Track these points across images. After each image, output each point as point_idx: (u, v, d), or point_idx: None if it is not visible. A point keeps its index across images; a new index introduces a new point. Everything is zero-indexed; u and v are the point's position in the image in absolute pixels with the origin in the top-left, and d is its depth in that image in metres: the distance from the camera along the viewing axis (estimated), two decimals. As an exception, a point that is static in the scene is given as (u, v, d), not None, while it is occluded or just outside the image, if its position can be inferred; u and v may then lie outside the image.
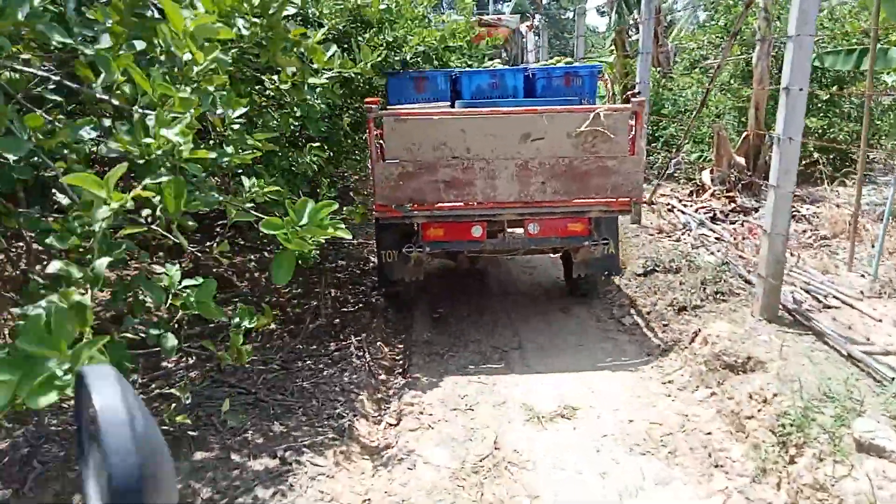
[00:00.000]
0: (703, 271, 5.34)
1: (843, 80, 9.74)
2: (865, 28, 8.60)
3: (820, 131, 9.31)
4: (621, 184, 4.54)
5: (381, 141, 4.51)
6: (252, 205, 2.46)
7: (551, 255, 6.47)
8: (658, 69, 11.86)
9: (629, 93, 11.16)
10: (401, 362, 4.61)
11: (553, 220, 4.75)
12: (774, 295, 4.43)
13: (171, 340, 1.77)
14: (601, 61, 14.29)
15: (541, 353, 4.63)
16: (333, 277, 5.82)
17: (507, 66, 8.46)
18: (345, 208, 4.91)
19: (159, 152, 1.89)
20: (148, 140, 1.87)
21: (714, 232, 6.88)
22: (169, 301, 1.89)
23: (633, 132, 4.52)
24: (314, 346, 4.45)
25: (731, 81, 10.34)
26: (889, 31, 7.66)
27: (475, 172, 4.49)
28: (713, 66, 11.38)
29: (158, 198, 1.88)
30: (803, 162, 8.10)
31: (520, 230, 4.86)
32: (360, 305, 5.26)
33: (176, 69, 2.19)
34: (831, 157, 8.98)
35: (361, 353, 4.35)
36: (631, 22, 13.45)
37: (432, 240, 4.81)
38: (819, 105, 9.50)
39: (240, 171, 2.81)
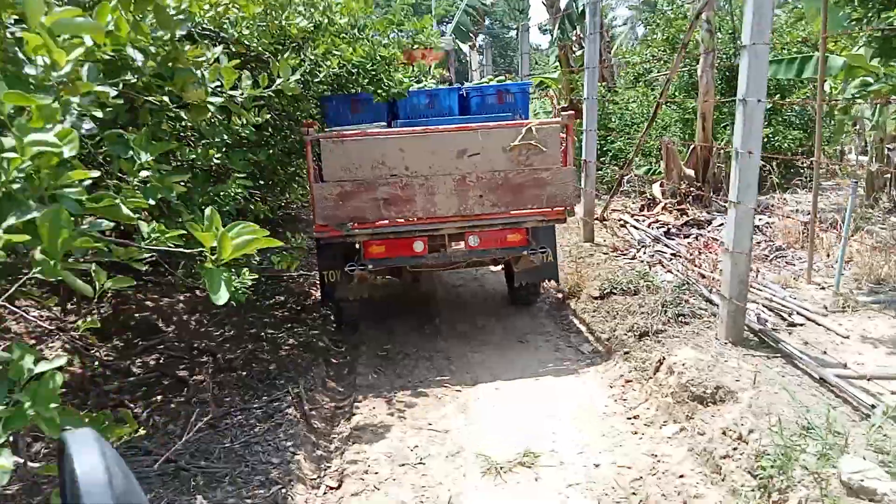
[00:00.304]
0: (662, 292, 5.08)
1: (785, 88, 9.79)
2: (805, 37, 8.66)
3: (765, 140, 9.29)
4: (556, 194, 4.63)
5: (320, 163, 4.46)
6: (150, 255, 2.07)
7: (493, 269, 6.59)
8: (603, 84, 11.79)
9: (561, 106, 11.10)
10: (344, 410, 4.18)
11: (492, 231, 4.82)
12: (740, 317, 4.18)
13: (5, 460, 1.31)
14: (546, 77, 14.23)
15: (497, 392, 4.26)
16: (270, 316, 5.36)
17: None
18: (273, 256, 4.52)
19: (19, 178, 1.47)
20: (9, 156, 1.44)
21: (669, 248, 6.68)
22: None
23: (564, 144, 4.64)
24: (247, 398, 4.00)
25: (676, 94, 10.31)
26: (837, 40, 7.73)
27: (414, 189, 4.50)
28: (657, 79, 11.39)
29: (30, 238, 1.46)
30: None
31: (461, 243, 4.89)
32: (301, 348, 4.81)
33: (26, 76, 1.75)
34: (776, 164, 8.97)
35: (299, 404, 3.92)
36: (573, 38, 13.44)
37: (374, 257, 4.80)
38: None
39: (137, 214, 2.39)
